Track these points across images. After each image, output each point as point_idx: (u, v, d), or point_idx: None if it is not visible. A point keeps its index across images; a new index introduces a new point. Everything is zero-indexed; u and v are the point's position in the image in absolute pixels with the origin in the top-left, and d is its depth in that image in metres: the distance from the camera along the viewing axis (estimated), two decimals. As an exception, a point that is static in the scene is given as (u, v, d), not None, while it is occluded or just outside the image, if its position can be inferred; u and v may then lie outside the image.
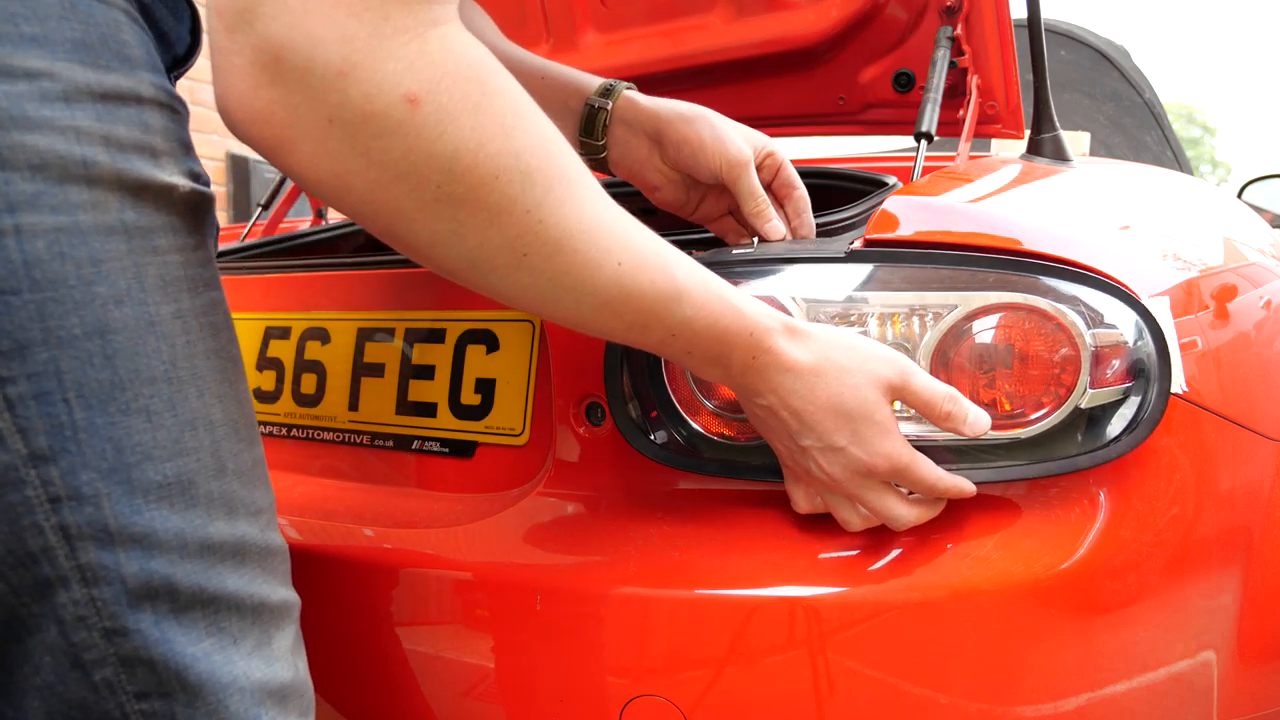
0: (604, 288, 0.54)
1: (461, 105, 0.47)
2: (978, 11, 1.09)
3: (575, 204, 0.52)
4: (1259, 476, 0.78)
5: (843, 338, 0.62)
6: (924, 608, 0.64)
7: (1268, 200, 2.24)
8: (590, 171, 0.55)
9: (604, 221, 0.54)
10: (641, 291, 0.55)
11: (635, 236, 0.56)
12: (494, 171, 0.48)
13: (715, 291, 0.59)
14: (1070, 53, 2.19)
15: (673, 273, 0.57)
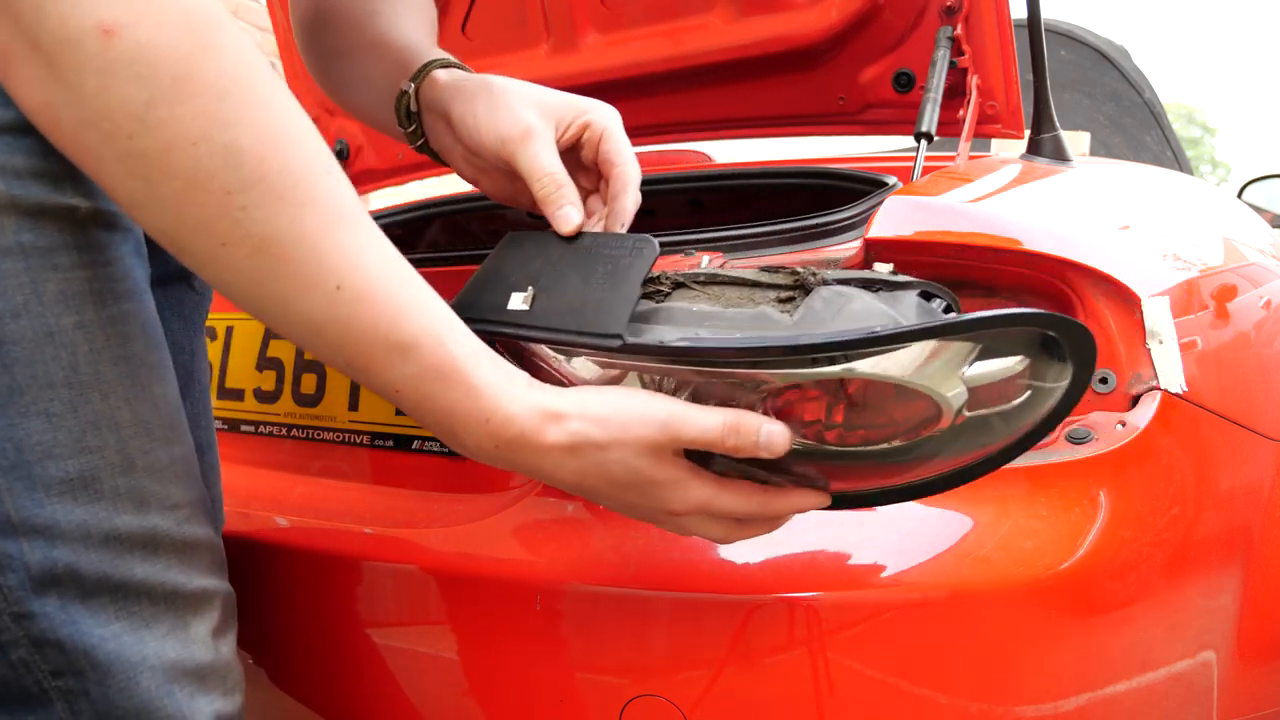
0: (315, 311, 0.49)
1: (165, 50, 0.44)
2: (978, 11, 1.09)
3: (296, 206, 0.48)
4: (1259, 476, 0.78)
5: (597, 410, 0.54)
6: (924, 608, 0.64)
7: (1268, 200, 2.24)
8: (348, 186, 0.51)
9: (332, 237, 0.49)
10: (360, 330, 0.50)
11: (372, 266, 0.50)
12: (192, 135, 0.45)
13: (451, 359, 0.52)
14: (1070, 53, 2.19)
15: (405, 320, 0.51)
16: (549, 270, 0.61)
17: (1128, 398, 0.71)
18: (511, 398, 0.53)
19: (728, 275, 0.58)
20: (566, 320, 0.59)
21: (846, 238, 0.80)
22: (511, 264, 0.64)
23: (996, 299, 0.76)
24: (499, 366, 0.55)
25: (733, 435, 0.54)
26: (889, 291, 0.54)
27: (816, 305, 0.54)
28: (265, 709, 0.93)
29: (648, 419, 0.54)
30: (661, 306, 0.58)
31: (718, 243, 0.82)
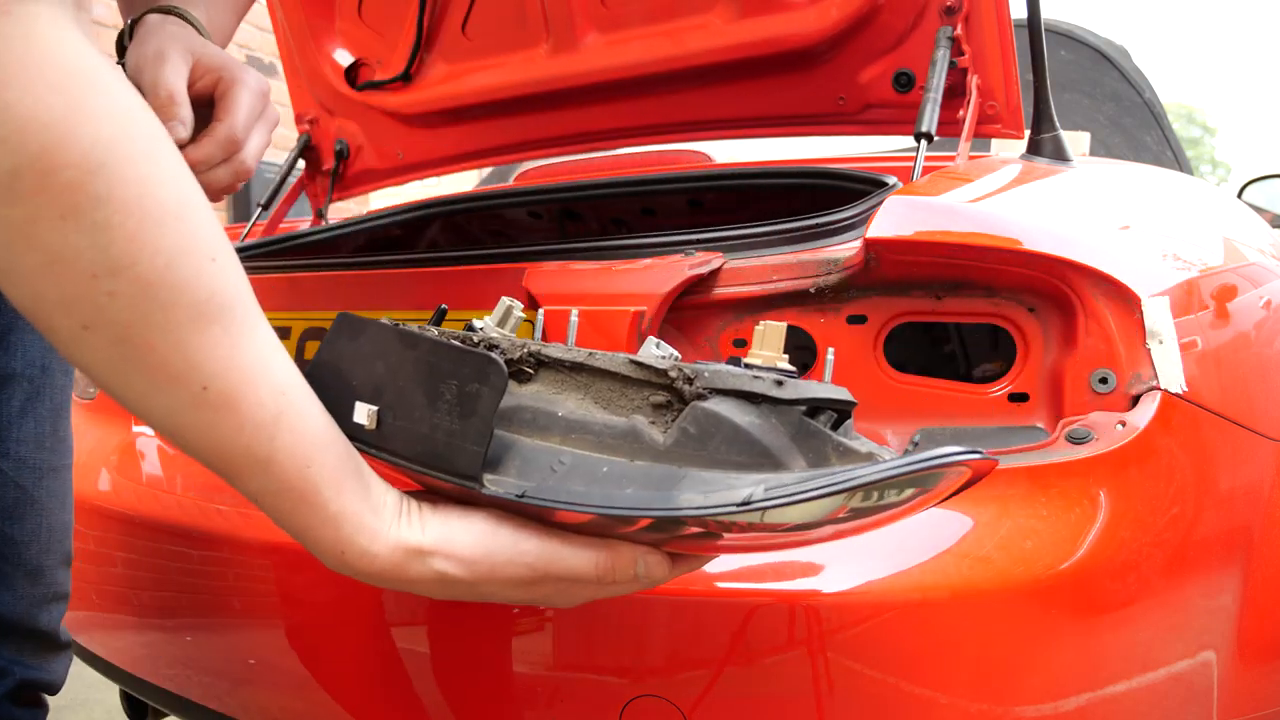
0: (176, 411, 0.46)
1: (33, 113, 0.40)
2: (978, 11, 1.09)
3: (167, 295, 0.43)
4: (1259, 476, 0.78)
5: (462, 550, 0.52)
6: (924, 608, 0.64)
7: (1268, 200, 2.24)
8: (236, 275, 0.47)
9: (204, 334, 0.45)
10: (221, 437, 0.47)
11: (243, 370, 0.46)
12: (60, 209, 0.40)
13: (313, 485, 0.49)
14: (1070, 53, 2.19)
15: (270, 434, 0.47)
16: (392, 380, 0.56)
17: (1128, 398, 0.71)
18: (372, 534, 0.51)
19: (597, 365, 0.55)
20: (417, 449, 0.54)
21: (846, 238, 0.80)
22: (351, 360, 0.57)
23: (996, 299, 0.76)
24: (367, 494, 0.51)
25: (609, 574, 0.53)
26: (772, 407, 0.50)
27: (690, 429, 0.51)
28: (267, 710, 0.93)
29: (516, 561, 0.52)
30: (524, 402, 0.56)
31: (718, 243, 0.82)
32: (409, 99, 1.54)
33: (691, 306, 0.79)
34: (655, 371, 0.53)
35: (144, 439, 1.14)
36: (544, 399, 0.56)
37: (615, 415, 0.54)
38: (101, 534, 1.03)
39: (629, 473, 0.51)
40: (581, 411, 0.54)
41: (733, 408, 0.50)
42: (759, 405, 0.50)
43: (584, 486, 0.51)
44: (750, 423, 0.50)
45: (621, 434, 0.53)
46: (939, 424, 0.77)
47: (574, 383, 0.56)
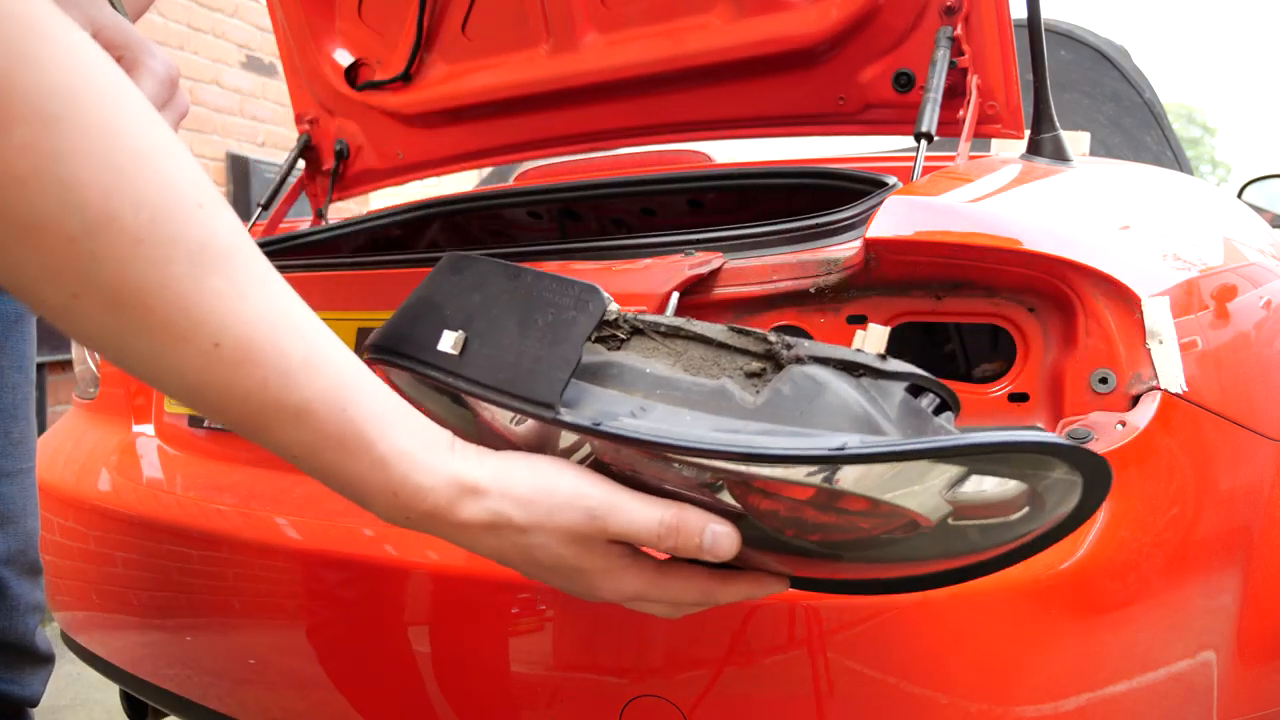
0: (190, 372, 0.43)
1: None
2: (978, 11, 1.09)
3: (156, 249, 0.40)
4: (1259, 476, 0.78)
5: (519, 488, 0.49)
6: (924, 608, 0.64)
7: (1268, 200, 2.24)
8: (228, 218, 0.43)
9: (205, 284, 0.41)
10: (245, 393, 0.44)
11: (256, 319, 0.43)
12: (18, 172, 0.37)
13: (354, 426, 0.46)
14: (1070, 53, 2.19)
15: (298, 382, 0.44)
16: (485, 310, 0.55)
17: (1128, 398, 0.71)
18: (424, 469, 0.48)
19: (692, 330, 0.52)
20: (498, 376, 0.53)
21: (846, 238, 0.80)
22: (447, 293, 0.57)
23: (996, 299, 0.76)
24: (414, 430, 0.49)
25: (671, 535, 0.49)
26: (873, 380, 0.47)
27: (785, 390, 0.48)
28: (267, 710, 0.93)
29: (575, 505, 0.49)
30: (612, 359, 0.53)
31: (718, 243, 0.82)
32: (409, 99, 1.54)
33: (691, 306, 0.79)
34: (754, 338, 0.50)
35: (144, 439, 1.14)
36: (633, 361, 0.53)
37: (705, 378, 0.51)
38: (101, 534, 1.03)
39: (715, 422, 0.48)
40: (670, 373, 0.51)
41: (833, 375, 0.47)
42: (859, 378, 0.47)
43: (666, 427, 0.48)
44: (850, 391, 0.47)
45: (709, 394, 0.49)
46: (939, 424, 0.77)
47: (666, 349, 0.53)
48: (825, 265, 0.76)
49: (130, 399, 1.18)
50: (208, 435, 1.07)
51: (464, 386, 0.54)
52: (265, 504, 0.92)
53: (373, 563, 0.80)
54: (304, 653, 0.87)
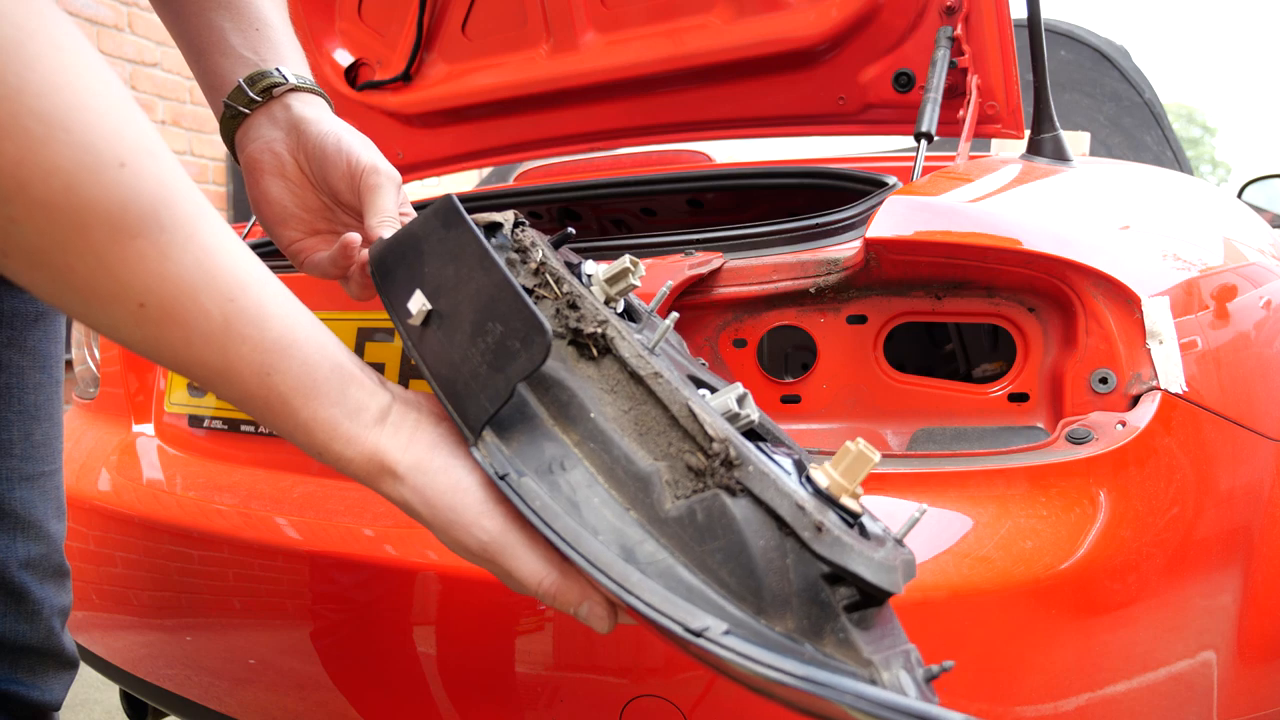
0: (122, 329, 0.43)
1: None
2: (978, 11, 1.09)
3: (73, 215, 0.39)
4: (1259, 476, 0.78)
5: (431, 491, 0.50)
6: (924, 608, 0.64)
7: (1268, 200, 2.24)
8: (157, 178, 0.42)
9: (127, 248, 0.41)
10: (173, 351, 0.44)
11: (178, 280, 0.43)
12: None
13: (278, 394, 0.47)
14: (1070, 53, 2.19)
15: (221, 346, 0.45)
16: (453, 290, 0.53)
17: (1128, 398, 0.71)
18: (344, 439, 0.48)
19: (655, 391, 0.49)
20: (442, 372, 0.52)
21: (846, 238, 0.80)
22: (431, 246, 0.55)
23: (996, 299, 0.76)
24: (340, 399, 0.48)
25: (548, 599, 0.49)
26: (798, 548, 0.42)
27: (699, 516, 0.45)
28: (267, 709, 0.93)
29: (471, 531, 0.49)
30: (568, 384, 0.51)
31: (718, 243, 0.82)
32: (409, 99, 1.54)
33: (691, 306, 0.79)
34: (704, 434, 0.46)
35: (144, 439, 1.14)
36: (589, 391, 0.51)
37: (643, 451, 0.48)
38: (101, 534, 1.03)
39: (614, 524, 0.46)
40: (614, 427, 0.49)
41: (755, 522, 0.43)
42: (786, 537, 0.43)
43: (564, 507, 0.47)
44: (762, 550, 0.42)
45: (634, 476, 0.47)
46: (939, 424, 0.77)
47: (629, 391, 0.51)
48: (825, 265, 0.76)
49: (130, 399, 1.18)
50: (208, 435, 1.07)
51: (416, 363, 0.53)
52: (265, 504, 0.92)
53: (373, 563, 0.80)
54: (304, 653, 0.87)
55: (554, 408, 0.51)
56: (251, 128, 0.66)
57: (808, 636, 0.41)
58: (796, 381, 0.80)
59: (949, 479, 0.69)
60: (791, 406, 0.80)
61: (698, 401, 0.49)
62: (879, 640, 0.42)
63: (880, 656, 0.41)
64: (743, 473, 0.44)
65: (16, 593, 0.77)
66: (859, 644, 0.40)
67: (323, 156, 0.64)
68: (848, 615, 0.41)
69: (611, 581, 0.43)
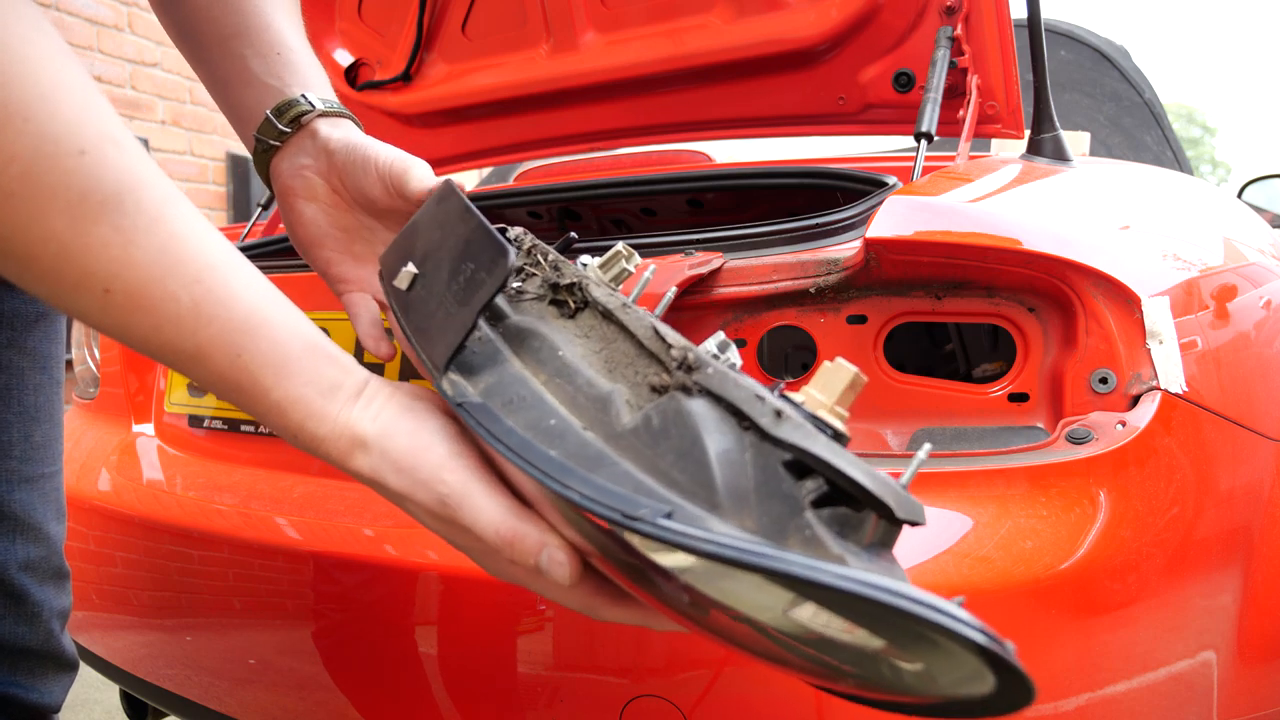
0: (92, 315, 0.43)
1: None
2: (978, 11, 1.09)
3: (34, 202, 0.40)
4: (1259, 476, 0.78)
5: (397, 453, 0.49)
6: (924, 608, 0.64)
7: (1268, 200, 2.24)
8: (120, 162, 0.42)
9: (90, 233, 0.41)
10: (143, 337, 0.44)
11: (142, 265, 0.43)
12: None
13: (249, 374, 0.47)
14: (1070, 53, 2.19)
15: (189, 329, 0.44)
16: (437, 249, 0.53)
17: (1128, 398, 0.71)
18: (318, 417, 0.48)
19: (623, 321, 0.47)
20: (418, 323, 0.51)
21: (846, 238, 0.80)
22: (425, 222, 0.56)
23: (996, 299, 0.76)
24: (313, 377, 0.48)
25: (507, 548, 0.47)
26: (757, 440, 0.38)
27: (654, 421, 0.42)
28: (267, 709, 0.93)
29: (432, 486, 0.48)
30: (541, 329, 0.49)
31: (718, 243, 0.82)
32: (409, 99, 1.54)
33: (691, 306, 0.79)
34: (664, 345, 0.44)
35: (144, 439, 1.14)
36: (561, 335, 0.49)
37: (604, 379, 0.46)
38: (101, 534, 1.03)
39: (570, 438, 0.44)
40: (581, 363, 0.48)
41: (711, 419, 0.40)
42: (745, 431, 0.39)
43: (521, 428, 0.45)
44: (717, 445, 0.39)
45: (593, 399, 0.45)
46: (939, 424, 0.77)
47: (601, 333, 0.49)
48: (825, 265, 0.76)
49: (130, 399, 1.18)
50: (208, 435, 1.07)
51: (398, 326, 0.53)
52: (265, 504, 0.92)
53: (373, 563, 0.80)
54: (304, 653, 0.87)
55: (526, 354, 0.50)
56: (284, 159, 0.66)
57: (769, 536, 0.36)
58: (796, 381, 0.80)
59: (949, 479, 0.69)
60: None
61: (662, 327, 0.46)
62: (850, 548, 0.36)
63: (856, 558, 0.36)
64: (701, 374, 0.41)
65: (16, 595, 0.77)
66: (827, 541, 0.35)
67: (354, 171, 0.64)
68: (815, 511, 0.36)
69: (549, 478, 0.40)
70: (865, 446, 0.78)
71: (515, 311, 0.51)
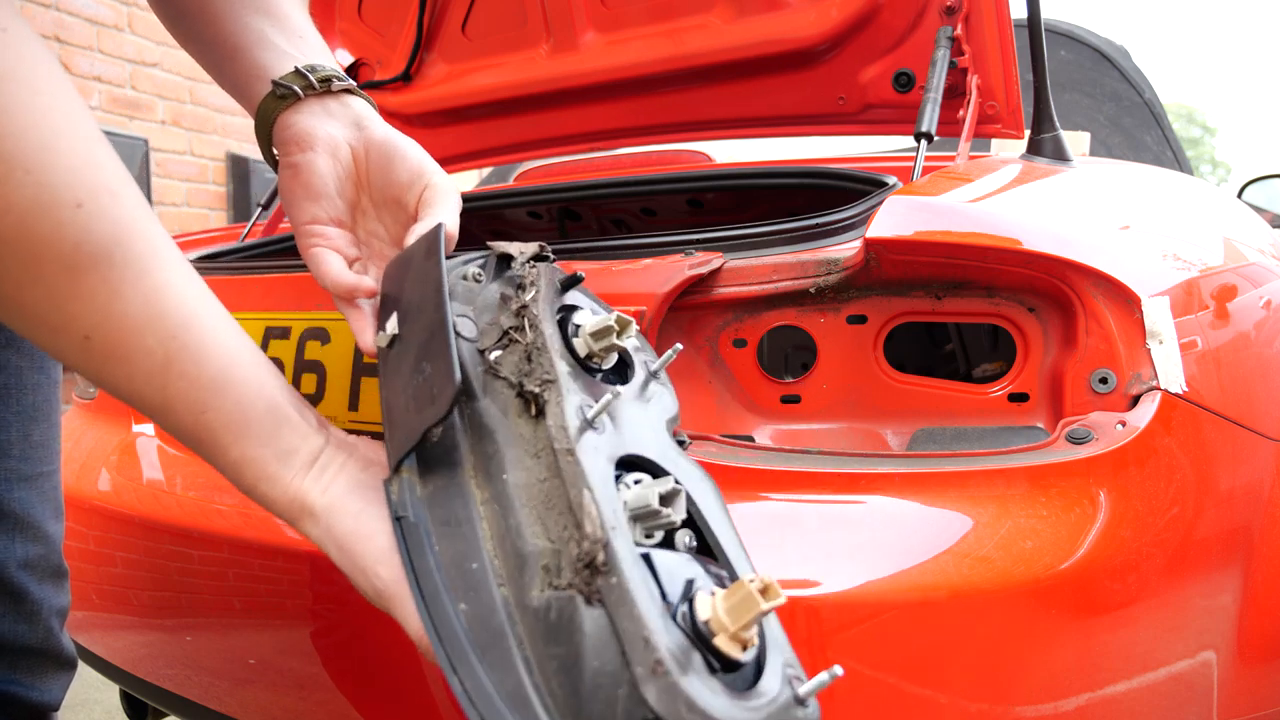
0: (70, 356, 0.45)
1: None
2: (978, 11, 1.09)
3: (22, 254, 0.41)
4: (1259, 476, 0.78)
5: (340, 532, 0.50)
6: (924, 608, 0.64)
7: (1268, 200, 2.24)
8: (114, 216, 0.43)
9: (78, 284, 0.42)
10: (115, 384, 0.46)
11: (123, 317, 0.44)
12: None
13: (209, 431, 0.48)
14: (1070, 53, 2.19)
15: (159, 383, 0.46)
16: (412, 319, 0.54)
17: (1128, 398, 0.71)
18: (270, 480, 0.50)
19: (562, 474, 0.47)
20: (388, 397, 0.52)
21: (846, 238, 0.80)
22: (415, 268, 0.56)
23: (996, 299, 0.76)
24: (274, 438, 0.49)
25: (429, 656, 0.47)
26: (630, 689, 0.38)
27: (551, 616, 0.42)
28: (267, 709, 0.93)
29: (368, 578, 0.50)
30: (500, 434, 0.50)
31: (718, 243, 0.82)
32: (409, 99, 1.54)
33: (691, 306, 0.79)
34: (580, 531, 0.43)
35: (144, 439, 1.14)
36: (514, 451, 0.50)
37: (539, 528, 0.46)
38: (101, 534, 1.03)
39: (483, 594, 0.44)
40: (522, 495, 0.48)
41: (598, 640, 0.40)
42: (625, 667, 0.39)
43: (447, 562, 0.46)
44: (594, 674, 0.39)
45: (516, 552, 0.45)
46: (939, 424, 0.77)
47: (548, 461, 0.48)
48: (825, 265, 0.76)
49: (130, 399, 1.18)
50: (208, 435, 1.07)
51: (379, 383, 0.54)
52: (265, 504, 0.92)
53: (373, 563, 0.80)
54: (304, 653, 0.87)
55: (479, 458, 0.50)
56: (302, 113, 0.64)
57: None
58: (796, 381, 0.80)
59: (949, 479, 0.69)
60: (791, 406, 0.80)
61: (597, 490, 0.45)
62: None
63: None
64: (605, 582, 0.41)
65: (15, 593, 0.77)
66: None
67: (390, 154, 0.64)
68: None
69: (445, 658, 0.43)
70: (865, 446, 0.78)
71: (485, 393, 0.52)
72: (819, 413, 0.79)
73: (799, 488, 0.71)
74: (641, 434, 0.53)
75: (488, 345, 0.55)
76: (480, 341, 0.55)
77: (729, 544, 0.50)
